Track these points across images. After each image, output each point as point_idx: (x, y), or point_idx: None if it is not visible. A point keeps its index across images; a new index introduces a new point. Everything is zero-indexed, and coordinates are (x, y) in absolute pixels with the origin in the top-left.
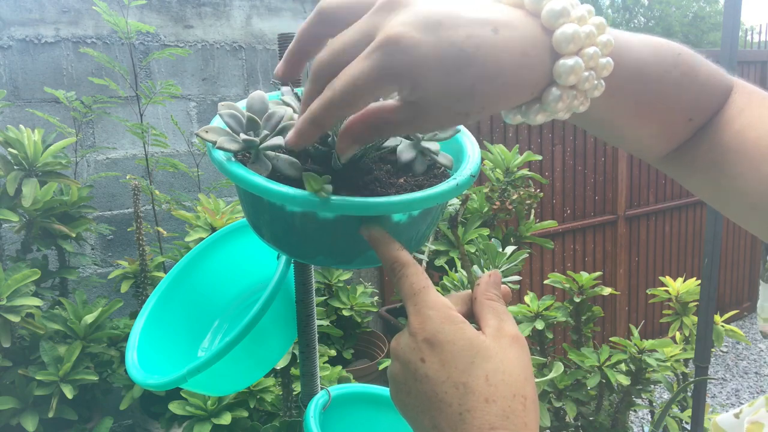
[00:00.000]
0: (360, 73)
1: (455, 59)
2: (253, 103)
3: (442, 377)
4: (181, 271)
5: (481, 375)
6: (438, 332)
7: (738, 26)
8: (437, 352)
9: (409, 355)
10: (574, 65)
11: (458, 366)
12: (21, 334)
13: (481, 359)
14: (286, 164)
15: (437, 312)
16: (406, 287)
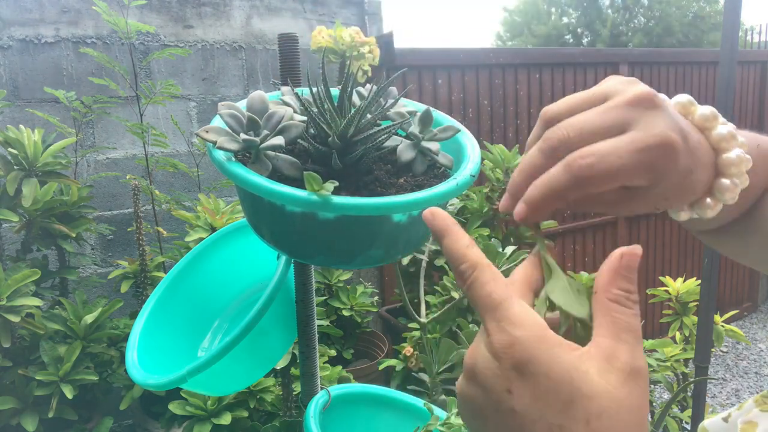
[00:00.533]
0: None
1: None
2: (253, 103)
3: (533, 415)
4: (181, 271)
5: (581, 418)
6: (530, 360)
7: (738, 26)
8: (529, 385)
9: (492, 381)
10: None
11: (554, 404)
12: (21, 334)
13: (582, 398)
14: (287, 164)
15: (528, 332)
16: (483, 297)
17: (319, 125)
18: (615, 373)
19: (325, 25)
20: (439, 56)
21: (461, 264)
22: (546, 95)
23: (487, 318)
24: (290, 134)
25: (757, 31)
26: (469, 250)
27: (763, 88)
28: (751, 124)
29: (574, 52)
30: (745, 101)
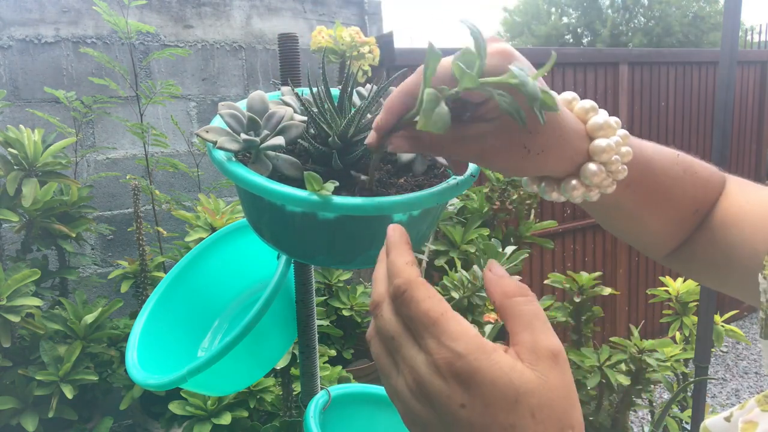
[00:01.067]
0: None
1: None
2: (253, 103)
3: (486, 421)
4: (181, 271)
5: (527, 413)
6: (475, 372)
7: (738, 26)
8: (478, 395)
9: (444, 401)
10: (606, 145)
11: (503, 406)
12: (21, 334)
13: (524, 395)
14: (287, 164)
15: (467, 345)
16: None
17: (320, 125)
18: (542, 361)
19: (325, 25)
20: None
21: (397, 278)
22: None
23: (425, 335)
24: (290, 134)
25: (757, 31)
26: (409, 267)
27: (763, 88)
28: (751, 124)
29: (574, 52)
30: (745, 101)
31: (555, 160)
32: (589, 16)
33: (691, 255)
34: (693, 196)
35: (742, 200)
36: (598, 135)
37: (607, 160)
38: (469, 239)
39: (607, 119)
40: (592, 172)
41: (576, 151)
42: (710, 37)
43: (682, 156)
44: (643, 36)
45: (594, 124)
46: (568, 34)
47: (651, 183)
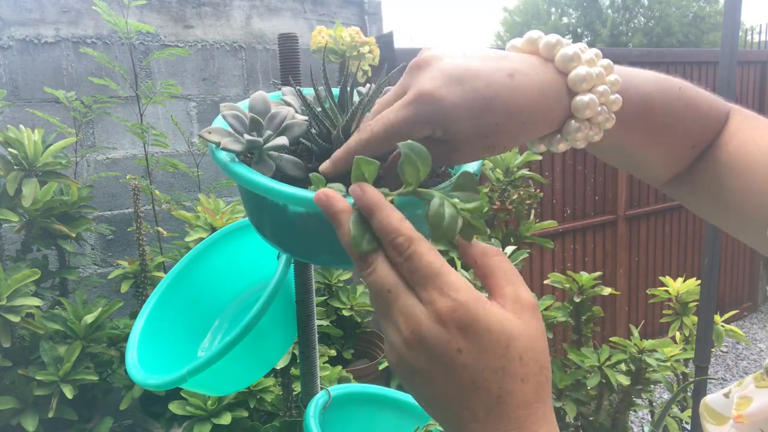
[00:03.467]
0: (396, 117)
1: (479, 103)
2: (255, 103)
3: (480, 365)
4: (181, 271)
5: (516, 356)
6: (474, 320)
7: (738, 26)
8: (475, 341)
9: (442, 347)
10: (589, 101)
11: (497, 351)
12: (21, 334)
13: (514, 340)
14: (290, 164)
15: (467, 295)
16: (423, 266)
17: (322, 122)
18: (525, 310)
19: (325, 25)
20: None
21: (398, 237)
22: None
23: (428, 286)
24: (293, 133)
25: (757, 31)
26: (404, 223)
27: (763, 88)
28: None
29: None
30: (745, 101)
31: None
32: (589, 16)
33: (692, 188)
34: (692, 131)
35: (753, 145)
36: (580, 89)
37: (591, 116)
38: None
39: (590, 71)
40: (574, 129)
41: (554, 114)
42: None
43: (684, 89)
44: (643, 36)
45: (575, 77)
46: (568, 34)
47: (648, 122)
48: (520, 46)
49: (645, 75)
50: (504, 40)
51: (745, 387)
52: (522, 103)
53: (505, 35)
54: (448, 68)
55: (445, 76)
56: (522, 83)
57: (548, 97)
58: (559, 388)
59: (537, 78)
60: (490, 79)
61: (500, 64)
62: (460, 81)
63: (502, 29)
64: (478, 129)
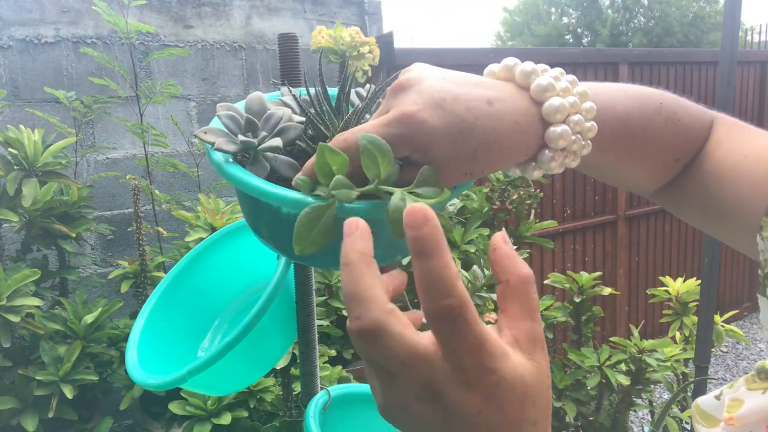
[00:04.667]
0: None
1: (459, 128)
2: (251, 104)
3: (497, 420)
4: (181, 271)
5: (530, 404)
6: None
7: (738, 26)
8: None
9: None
10: (562, 132)
11: (515, 405)
12: (21, 334)
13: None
14: (285, 165)
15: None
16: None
17: (317, 126)
18: (537, 350)
19: (325, 25)
20: (439, 56)
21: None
22: None
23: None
24: (289, 135)
25: (757, 31)
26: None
27: (763, 88)
28: (751, 124)
29: (574, 52)
30: (745, 101)
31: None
32: (589, 16)
33: (681, 199)
34: (674, 145)
35: (739, 154)
36: (554, 120)
37: (565, 145)
38: (469, 239)
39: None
40: (548, 158)
41: (530, 142)
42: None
43: (665, 103)
44: (643, 36)
45: (549, 108)
46: (568, 34)
47: (630, 140)
48: (497, 72)
49: (625, 92)
50: (504, 40)
51: (737, 389)
52: (500, 131)
53: (505, 35)
54: (429, 91)
55: (426, 99)
56: (500, 111)
57: (523, 126)
58: (559, 388)
59: (513, 106)
60: (470, 105)
61: (479, 90)
62: (441, 105)
63: (502, 29)
64: (456, 154)
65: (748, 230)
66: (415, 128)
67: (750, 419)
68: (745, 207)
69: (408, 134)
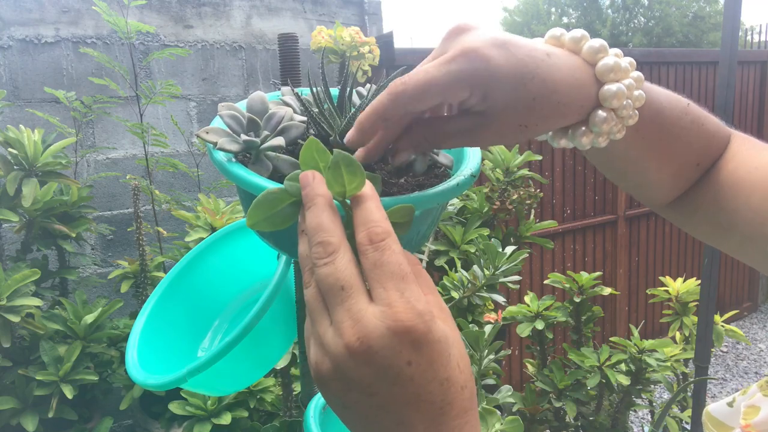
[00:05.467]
0: (438, 72)
1: (521, 72)
2: (253, 103)
3: (428, 378)
4: (181, 271)
5: (455, 365)
6: (427, 332)
7: (738, 26)
8: (425, 353)
9: (391, 358)
10: (617, 90)
11: (442, 362)
12: (21, 334)
13: (451, 347)
14: (287, 164)
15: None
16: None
17: (320, 125)
18: (449, 318)
19: (325, 25)
20: None
21: (377, 225)
22: None
23: (391, 287)
24: (290, 134)
25: (757, 31)
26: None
27: (763, 88)
28: (751, 124)
29: None
30: (745, 101)
31: (558, 122)
32: (589, 16)
33: (693, 211)
34: (698, 148)
35: (751, 165)
36: (608, 79)
37: (618, 106)
38: (469, 239)
39: (618, 61)
40: (601, 119)
41: (584, 101)
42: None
43: (691, 106)
44: (643, 36)
45: (603, 67)
46: None
47: (659, 131)
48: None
49: (656, 87)
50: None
51: (751, 396)
52: (558, 81)
53: None
54: (491, 34)
55: (490, 39)
56: (558, 62)
57: (580, 81)
58: (559, 388)
59: (569, 61)
60: (530, 52)
61: (536, 44)
62: (505, 45)
63: (502, 29)
64: (516, 101)
65: (758, 242)
66: (480, 64)
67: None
68: (755, 218)
69: (472, 70)
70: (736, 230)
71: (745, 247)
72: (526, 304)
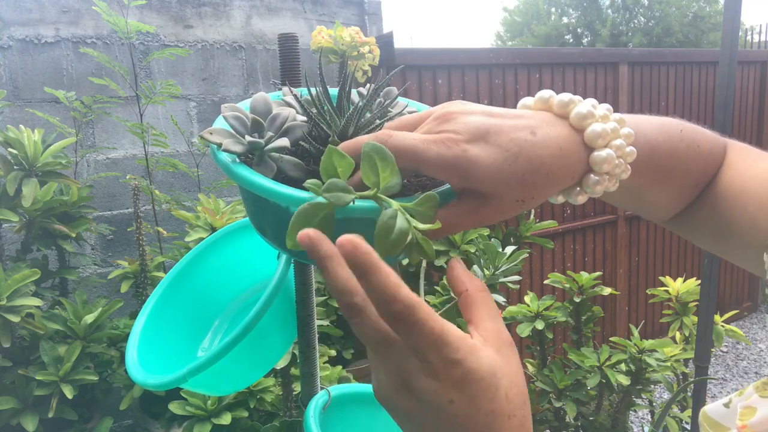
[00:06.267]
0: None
1: (503, 157)
2: (256, 104)
3: (472, 411)
4: (181, 271)
5: (503, 396)
6: (467, 374)
7: (738, 26)
8: (467, 391)
9: (433, 397)
10: (607, 156)
11: (487, 396)
12: (21, 334)
13: (499, 380)
14: (290, 165)
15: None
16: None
17: (319, 126)
18: (505, 347)
19: (325, 25)
20: (439, 56)
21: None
22: None
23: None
24: (294, 135)
25: (757, 31)
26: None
27: (763, 88)
28: (751, 124)
29: (574, 52)
30: (745, 101)
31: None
32: (589, 16)
33: (694, 224)
34: (695, 171)
35: (746, 175)
36: (596, 145)
37: (609, 170)
38: (469, 239)
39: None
40: (594, 182)
41: (575, 166)
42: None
43: (685, 131)
44: (643, 36)
45: (592, 133)
46: (568, 34)
47: (655, 167)
48: (533, 104)
49: (649, 121)
50: (504, 40)
51: (748, 396)
52: (544, 157)
53: (505, 35)
54: (473, 124)
55: (471, 131)
56: (544, 139)
57: (568, 152)
58: (559, 388)
59: (556, 133)
60: (512, 135)
61: (521, 121)
62: (484, 138)
63: (502, 29)
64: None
65: (756, 249)
66: (459, 154)
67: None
68: (752, 226)
69: (452, 158)
70: (735, 238)
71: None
72: (526, 304)
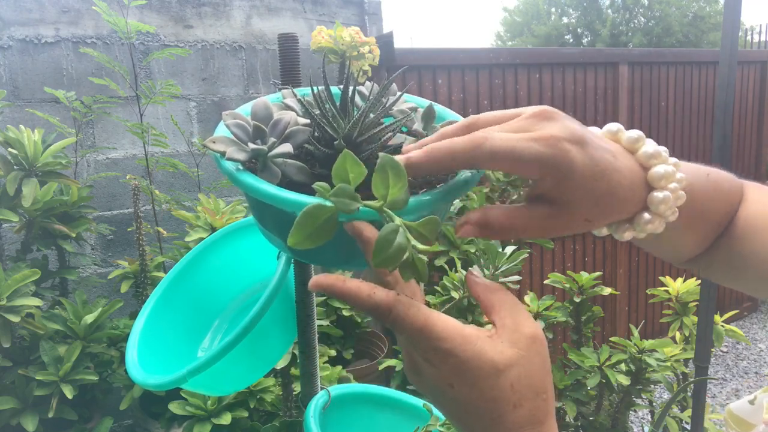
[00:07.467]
0: (520, 144)
1: (593, 171)
2: (257, 110)
3: (473, 397)
4: (181, 271)
5: (507, 385)
6: (462, 363)
7: (738, 26)
8: (465, 379)
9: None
10: (664, 197)
11: (488, 384)
12: (21, 334)
13: (504, 370)
14: (295, 169)
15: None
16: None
17: (323, 128)
18: (522, 339)
19: (325, 25)
20: (439, 56)
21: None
22: (546, 95)
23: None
24: (297, 140)
25: (757, 31)
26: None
27: (763, 88)
28: (751, 124)
29: (574, 52)
30: (745, 101)
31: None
32: (589, 16)
33: (710, 261)
34: (721, 212)
35: (762, 209)
36: (658, 186)
37: (664, 211)
38: (469, 239)
39: (668, 169)
40: (646, 221)
41: (635, 201)
42: (710, 37)
43: (711, 174)
44: (643, 36)
45: (656, 174)
46: (568, 34)
47: (690, 209)
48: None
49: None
50: (504, 40)
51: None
52: (618, 183)
53: (505, 35)
54: (572, 127)
55: (572, 133)
56: (621, 166)
57: (634, 183)
58: (559, 388)
59: (628, 164)
60: (602, 153)
61: (604, 143)
62: (581, 143)
63: (502, 29)
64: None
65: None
66: (560, 154)
67: None
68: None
69: (552, 157)
70: (752, 272)
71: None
72: (526, 304)
